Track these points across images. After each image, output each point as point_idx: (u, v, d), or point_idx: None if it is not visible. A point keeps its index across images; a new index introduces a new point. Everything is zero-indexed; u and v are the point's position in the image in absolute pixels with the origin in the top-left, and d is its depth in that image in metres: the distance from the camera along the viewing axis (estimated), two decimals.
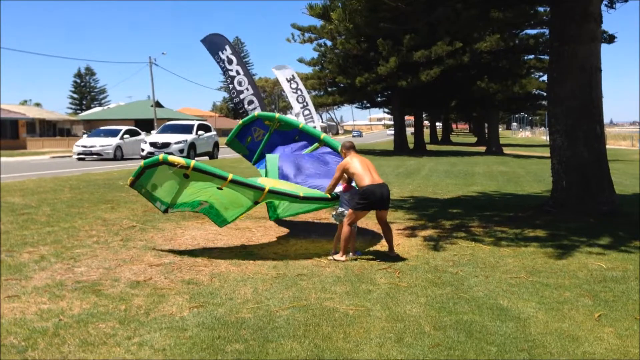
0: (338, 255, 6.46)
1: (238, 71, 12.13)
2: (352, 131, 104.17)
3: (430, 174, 18.72)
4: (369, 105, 43.12)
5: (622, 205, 9.85)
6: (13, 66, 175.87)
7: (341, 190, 6.68)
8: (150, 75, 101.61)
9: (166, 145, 23.23)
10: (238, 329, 4.22)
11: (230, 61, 12.12)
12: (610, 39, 24.83)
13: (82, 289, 5.16)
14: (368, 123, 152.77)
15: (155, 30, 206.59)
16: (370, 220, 8.09)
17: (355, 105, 42.08)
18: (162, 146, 23.25)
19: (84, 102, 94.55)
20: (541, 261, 6.49)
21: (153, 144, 23.60)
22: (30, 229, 7.79)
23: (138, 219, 8.74)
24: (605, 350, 3.95)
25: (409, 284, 5.53)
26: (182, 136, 24.15)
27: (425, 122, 61.15)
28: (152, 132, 30.07)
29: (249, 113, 12.50)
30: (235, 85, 12.10)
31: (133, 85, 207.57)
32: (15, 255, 6.32)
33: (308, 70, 38.13)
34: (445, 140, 62.25)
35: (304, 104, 23.05)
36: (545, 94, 32.39)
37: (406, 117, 45.72)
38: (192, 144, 24.16)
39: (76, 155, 25.87)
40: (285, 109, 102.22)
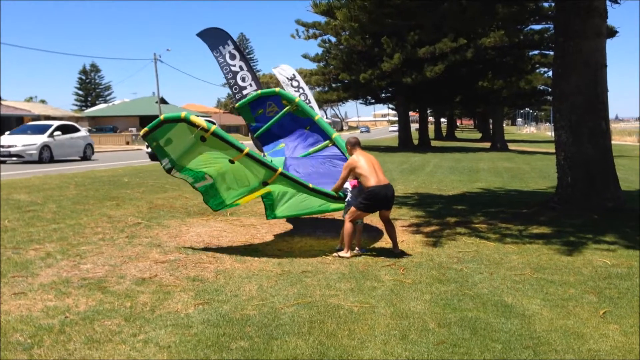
0: (342, 252, 6.47)
1: (241, 67, 12.05)
2: (360, 127, 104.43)
3: (434, 170, 18.70)
4: (373, 101, 43.11)
5: (628, 201, 9.82)
6: (19, 63, 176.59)
7: (349, 185, 6.68)
8: (155, 72, 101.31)
9: None
10: (243, 326, 4.23)
11: (233, 56, 12.01)
12: (611, 33, 24.65)
13: (88, 286, 5.18)
14: (372, 119, 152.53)
15: (159, 26, 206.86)
16: (375, 216, 8.08)
17: (360, 101, 42.11)
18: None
19: (89, 99, 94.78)
20: (546, 258, 6.48)
21: None
22: (36, 226, 7.83)
23: (143, 216, 8.77)
24: (610, 347, 3.94)
25: (414, 280, 5.54)
26: None
27: (430, 118, 61.06)
28: None
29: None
30: (238, 80, 12.04)
31: (138, 82, 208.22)
32: (21, 252, 6.35)
33: (312, 66, 38.15)
34: (449, 136, 62.26)
35: (307, 101, 23.04)
36: (550, 89, 32.31)
37: (410, 113, 45.67)
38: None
39: None
40: None
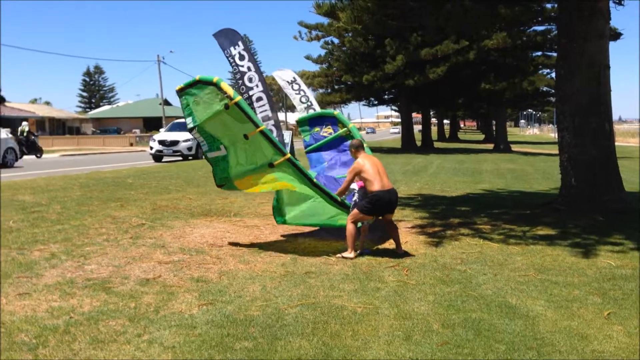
0: (346, 253, 6.47)
1: (249, 67, 12.09)
2: (367, 128, 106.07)
3: (438, 172, 18.69)
4: (376, 102, 43.12)
5: (631, 202, 9.80)
6: (23, 65, 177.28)
7: (357, 186, 6.70)
8: (158, 74, 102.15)
9: (175, 143, 23.25)
10: (247, 327, 4.24)
11: (242, 57, 12.06)
12: (616, 35, 24.61)
13: (93, 286, 5.20)
14: (375, 120, 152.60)
15: (163, 28, 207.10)
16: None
17: (363, 103, 42.12)
18: (171, 144, 23.28)
19: (93, 101, 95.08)
20: (550, 259, 6.47)
21: (162, 142, 23.59)
22: (41, 226, 7.85)
23: (147, 217, 8.79)
24: (614, 349, 3.94)
25: (417, 281, 5.54)
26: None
27: (433, 120, 61.06)
28: (161, 130, 30.13)
29: (256, 110, 12.48)
30: (245, 81, 12.07)
31: (141, 84, 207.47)
32: (26, 253, 6.37)
33: (315, 67, 38.16)
34: (452, 137, 62.17)
35: (308, 103, 23.04)
36: (553, 90, 32.25)
37: (414, 115, 45.66)
38: None
39: None
40: (293, 108, 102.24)
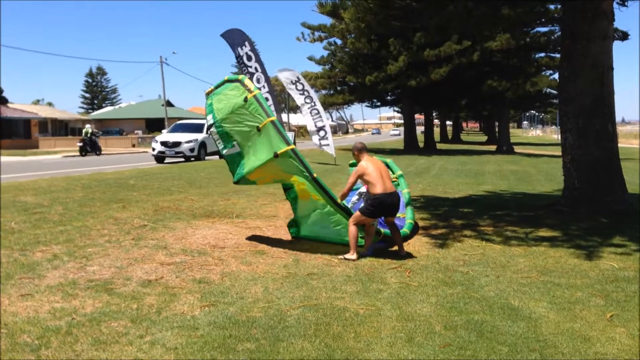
0: (348, 255, 6.47)
1: (256, 68, 12.17)
2: (372, 129, 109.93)
3: (440, 173, 18.67)
4: (379, 104, 43.13)
5: (634, 204, 9.77)
6: (26, 66, 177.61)
7: (363, 189, 6.73)
8: (161, 75, 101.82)
9: (177, 144, 23.26)
10: (249, 328, 4.24)
11: (249, 57, 12.16)
12: (624, 36, 24.56)
13: (95, 287, 5.20)
14: (378, 122, 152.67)
15: (165, 29, 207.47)
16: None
17: (366, 104, 42.11)
18: (173, 145, 23.28)
19: (96, 102, 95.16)
20: (552, 261, 6.46)
21: (164, 143, 23.58)
22: (43, 228, 7.86)
23: (149, 218, 8.79)
24: (617, 351, 3.93)
25: (420, 283, 5.53)
26: (193, 135, 24.12)
27: (436, 121, 61.02)
28: (163, 131, 30.16)
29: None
30: (254, 81, 12.16)
31: (144, 85, 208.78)
32: (28, 254, 6.38)
33: (318, 69, 38.18)
34: (455, 139, 62.12)
35: (312, 103, 23.10)
36: (556, 92, 32.18)
37: (416, 116, 45.65)
38: (203, 143, 24.12)
39: None
40: (296, 109, 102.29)
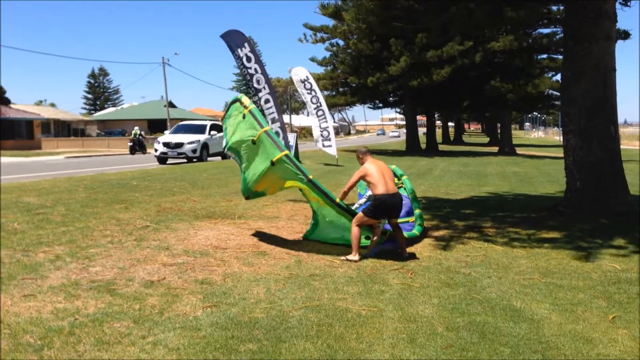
0: (351, 256, 6.47)
1: (256, 69, 12.19)
2: (377, 130, 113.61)
3: (442, 175, 18.66)
4: (381, 105, 43.11)
5: (636, 206, 9.74)
6: (28, 67, 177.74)
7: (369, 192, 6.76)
8: (163, 76, 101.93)
9: (179, 145, 23.28)
10: (251, 329, 4.24)
11: (249, 59, 12.17)
12: (625, 35, 24.58)
13: (97, 288, 5.21)
14: (380, 123, 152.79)
15: (168, 30, 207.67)
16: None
17: (367, 105, 42.10)
18: (175, 146, 23.30)
19: (98, 103, 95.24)
20: (555, 262, 6.45)
21: (166, 144, 23.60)
22: (46, 228, 7.87)
23: (151, 219, 8.80)
24: (619, 352, 3.92)
25: (422, 284, 5.53)
26: (195, 136, 24.14)
27: (438, 122, 61.00)
28: (165, 132, 30.17)
29: (265, 111, 12.59)
30: (254, 83, 12.17)
31: (146, 86, 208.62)
32: (30, 254, 6.39)
33: (320, 70, 38.22)
34: (457, 140, 62.16)
35: (318, 104, 23.19)
36: (558, 93, 32.15)
37: (418, 117, 45.62)
38: (205, 144, 24.16)
39: None
40: (298, 110, 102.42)
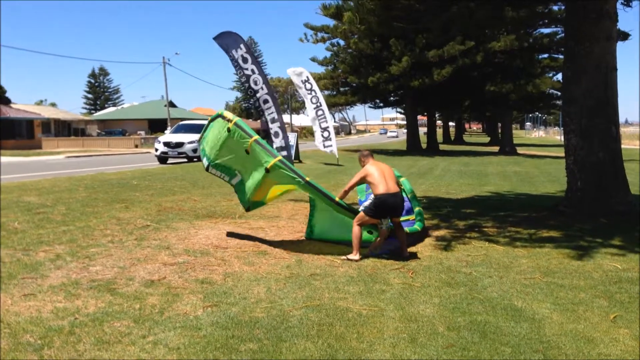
0: (351, 255, 6.46)
1: (253, 70, 12.17)
2: (380, 130, 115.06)
3: (443, 174, 18.65)
4: (381, 105, 43.10)
5: (637, 205, 9.73)
6: (29, 67, 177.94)
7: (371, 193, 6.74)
8: (163, 75, 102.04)
9: (180, 144, 23.27)
10: (252, 329, 4.23)
11: (245, 60, 12.13)
12: (624, 36, 24.54)
13: (97, 287, 5.21)
14: (381, 122, 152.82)
15: (168, 30, 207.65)
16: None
17: (368, 105, 42.10)
18: (176, 146, 23.29)
19: (98, 102, 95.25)
20: (556, 262, 6.44)
21: (167, 144, 23.60)
22: (46, 227, 7.87)
23: (152, 219, 8.79)
24: (620, 352, 3.91)
25: (423, 284, 5.52)
26: (196, 136, 23.97)
27: (438, 122, 60.99)
28: (166, 132, 30.16)
29: (264, 112, 12.55)
30: (251, 84, 12.15)
31: (147, 85, 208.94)
32: (31, 254, 6.38)
33: (320, 69, 38.17)
34: (458, 140, 62.12)
35: (318, 104, 23.16)
36: (559, 93, 32.14)
37: (419, 117, 45.61)
38: None
39: None
40: (298, 110, 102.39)
